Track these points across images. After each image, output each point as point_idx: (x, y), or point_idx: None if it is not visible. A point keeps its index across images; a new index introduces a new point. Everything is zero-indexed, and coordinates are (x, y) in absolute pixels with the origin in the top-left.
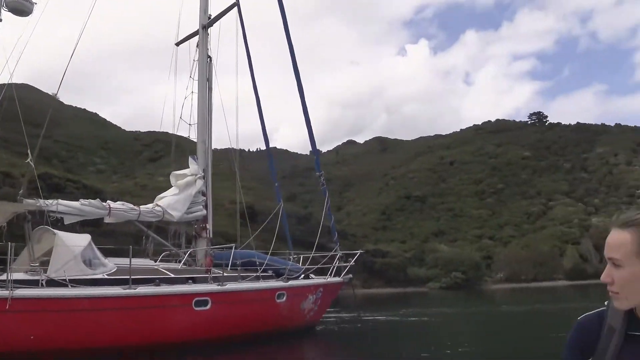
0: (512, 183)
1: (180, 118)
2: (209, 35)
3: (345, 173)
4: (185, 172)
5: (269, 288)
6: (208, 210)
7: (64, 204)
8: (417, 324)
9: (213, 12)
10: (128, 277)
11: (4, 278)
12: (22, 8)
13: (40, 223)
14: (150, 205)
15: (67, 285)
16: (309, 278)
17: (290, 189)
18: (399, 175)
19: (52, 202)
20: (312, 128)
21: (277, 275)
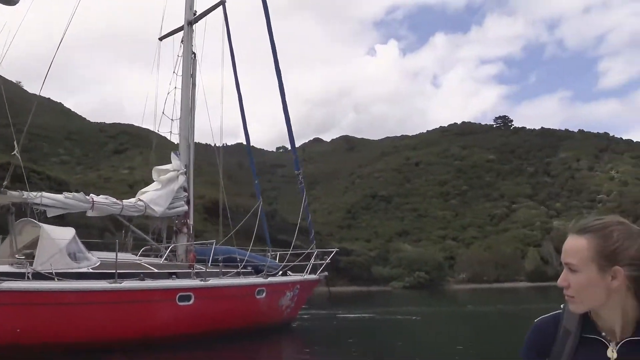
0: (476, 185)
1: (163, 113)
2: (194, 32)
3: (312, 171)
4: (168, 167)
5: (250, 284)
6: (190, 206)
7: (48, 197)
8: (393, 322)
9: (198, 8)
10: (112, 271)
11: None
12: None
13: (22, 215)
14: (133, 200)
15: (53, 279)
16: (287, 275)
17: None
18: (365, 175)
19: (36, 194)
20: (291, 128)
21: (256, 272)
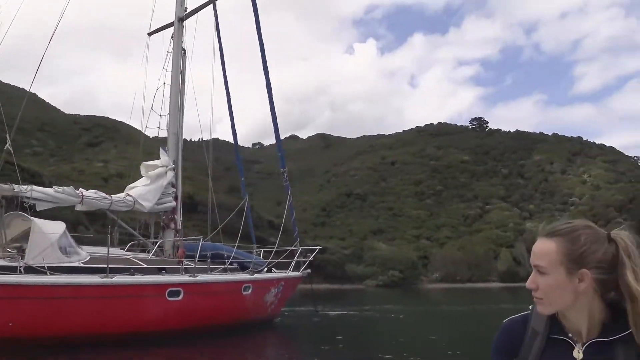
0: (451, 185)
1: (151, 109)
2: (184, 28)
3: (287, 168)
4: (156, 163)
5: (237, 280)
6: (177, 202)
7: (38, 190)
8: (374, 320)
9: (189, 5)
10: (103, 265)
11: None
12: None
13: (10, 208)
14: (122, 195)
15: (45, 273)
16: (271, 272)
17: (231, 182)
18: (341, 173)
19: (26, 187)
20: (278, 126)
21: (241, 268)
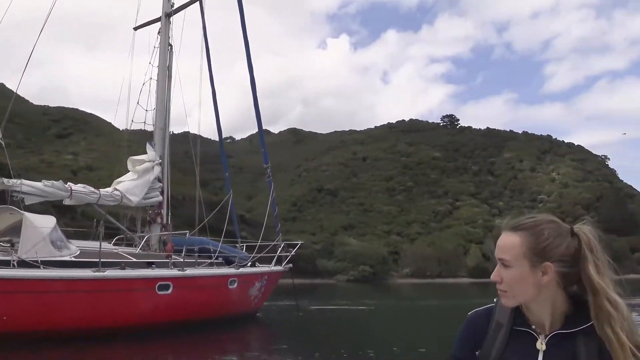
0: (421, 182)
1: (137, 103)
2: (171, 23)
3: (258, 163)
4: (143, 157)
5: (224, 274)
6: (164, 197)
7: (28, 184)
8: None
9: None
10: (94, 259)
11: None
12: None
13: None
14: (110, 189)
15: (39, 267)
16: (255, 266)
17: (202, 175)
18: (312, 168)
19: (16, 181)
20: (261, 124)
21: (226, 263)
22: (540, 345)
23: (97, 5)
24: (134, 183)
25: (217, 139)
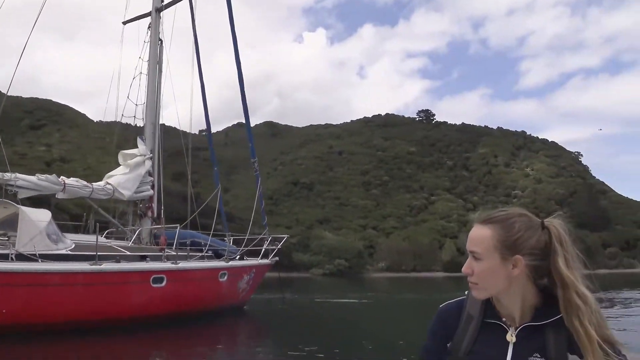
0: (397, 176)
1: (127, 98)
2: (161, 18)
3: (234, 155)
4: (134, 152)
5: (215, 267)
6: (155, 191)
7: (22, 178)
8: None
9: None
10: (90, 253)
11: None
12: None
13: None
14: (102, 183)
15: (37, 260)
16: (243, 259)
17: (177, 168)
18: (288, 161)
19: (10, 175)
20: (249, 117)
21: (216, 256)
22: (511, 338)
23: None
24: (126, 177)
25: (193, 132)
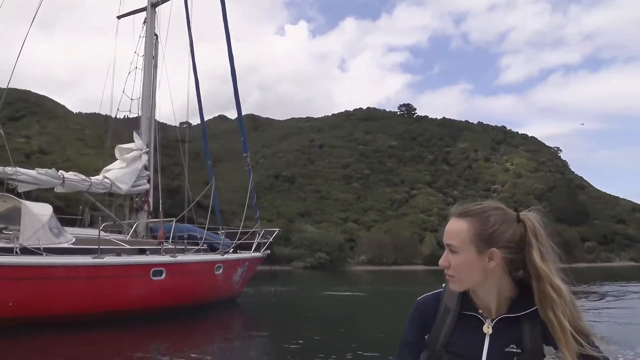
0: (378, 170)
1: (123, 92)
2: (157, 13)
3: (216, 148)
4: (131, 146)
5: (211, 260)
6: (151, 185)
7: (23, 172)
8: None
9: None
10: (91, 246)
11: None
12: None
13: None
14: (100, 177)
15: (41, 254)
16: (237, 252)
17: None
18: (269, 155)
19: (11, 169)
20: (241, 113)
21: (210, 249)
22: (487, 329)
23: None
24: (123, 171)
25: (172, 124)
